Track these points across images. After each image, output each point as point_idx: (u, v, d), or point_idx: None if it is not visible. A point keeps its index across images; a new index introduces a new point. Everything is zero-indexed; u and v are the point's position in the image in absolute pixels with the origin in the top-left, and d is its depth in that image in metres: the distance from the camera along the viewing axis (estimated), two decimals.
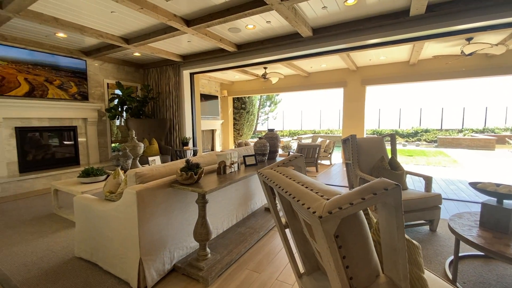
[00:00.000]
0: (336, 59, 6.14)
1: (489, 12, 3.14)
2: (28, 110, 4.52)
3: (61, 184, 3.22)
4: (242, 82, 9.19)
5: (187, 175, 1.85)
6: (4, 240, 2.60)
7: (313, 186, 0.91)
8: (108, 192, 2.08)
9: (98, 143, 5.77)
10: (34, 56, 4.61)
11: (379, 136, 3.27)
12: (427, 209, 2.60)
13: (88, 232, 2.10)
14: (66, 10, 3.42)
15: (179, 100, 6.11)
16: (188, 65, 5.88)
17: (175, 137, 6.25)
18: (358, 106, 7.02)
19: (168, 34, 4.07)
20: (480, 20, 3.20)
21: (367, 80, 6.85)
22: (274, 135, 3.15)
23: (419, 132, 14.55)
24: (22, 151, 4.60)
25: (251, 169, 2.58)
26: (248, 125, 10.54)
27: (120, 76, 6.25)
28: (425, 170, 6.24)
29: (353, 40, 3.98)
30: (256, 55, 4.87)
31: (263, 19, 3.76)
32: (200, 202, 1.93)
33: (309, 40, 4.30)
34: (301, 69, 7.22)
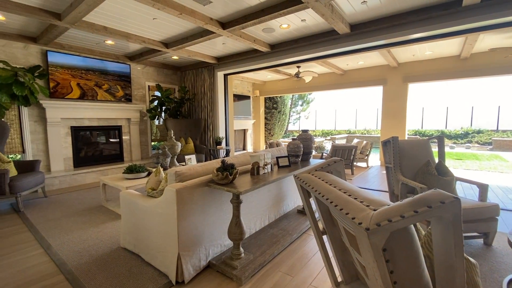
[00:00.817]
0: (375, 55, 5.81)
1: None
2: (81, 111, 5.01)
3: (108, 179, 3.51)
4: (274, 82, 9.17)
5: (223, 175, 1.89)
6: (62, 228, 2.91)
7: (357, 194, 0.86)
8: (150, 189, 2.22)
9: (139, 142, 6.19)
10: (86, 62, 5.09)
11: (424, 138, 3.02)
12: (481, 220, 2.33)
13: (132, 225, 2.26)
14: (114, 19, 3.71)
15: (213, 100, 6.29)
16: (222, 66, 6.02)
17: (209, 137, 6.45)
18: (399, 105, 6.56)
19: (204, 37, 4.21)
20: None
21: (409, 77, 6.37)
22: (308, 136, 3.08)
23: (470, 133, 13.16)
24: (76, 148, 5.12)
25: (284, 171, 2.55)
26: (279, 125, 10.49)
27: (160, 78, 6.63)
28: (478, 176, 5.62)
29: (395, 36, 3.72)
30: (290, 54, 4.80)
31: (298, 18, 3.69)
32: (234, 202, 1.96)
33: (346, 37, 4.12)
34: (337, 67, 6.97)
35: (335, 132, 15.82)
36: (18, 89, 3.96)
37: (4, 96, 3.88)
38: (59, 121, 4.74)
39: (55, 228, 2.91)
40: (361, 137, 13.20)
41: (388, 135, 6.72)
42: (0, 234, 2.77)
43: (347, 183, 1.00)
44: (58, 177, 4.61)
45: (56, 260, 2.22)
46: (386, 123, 6.79)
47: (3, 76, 3.79)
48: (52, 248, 2.44)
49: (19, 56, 4.36)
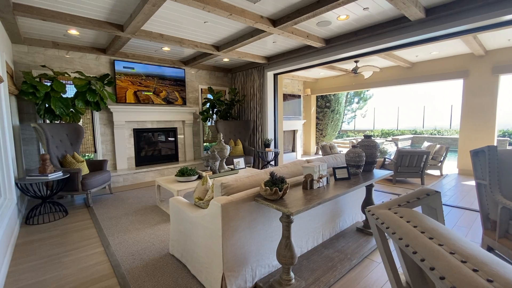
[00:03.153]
0: (455, 43, 4.86)
1: None
2: (141, 114, 5.39)
3: (162, 180, 3.64)
4: (327, 79, 8.58)
5: (272, 190, 1.67)
6: (121, 226, 3.09)
7: (465, 254, 0.54)
8: (197, 198, 2.14)
9: (193, 142, 6.43)
10: (146, 69, 5.46)
11: None
12: None
13: (180, 233, 2.21)
14: (169, 26, 3.82)
15: (262, 101, 6.14)
16: (272, 66, 5.82)
17: (257, 138, 6.33)
18: (487, 102, 5.39)
19: (254, 37, 4.05)
20: None
21: (502, 67, 5.17)
22: (372, 143, 2.65)
23: None
24: (138, 148, 5.55)
25: (343, 185, 2.20)
26: (332, 125, 9.82)
27: (211, 81, 6.77)
28: None
29: (485, 17, 2.96)
30: (348, 48, 4.32)
31: (360, 6, 3.23)
32: (284, 221, 1.72)
33: (420, 24, 3.48)
34: (403, 59, 6.10)
35: (397, 132, 14.19)
36: (91, 96, 4.42)
37: (80, 102, 4.37)
38: (123, 124, 5.18)
39: (115, 225, 3.11)
40: (430, 138, 11.53)
41: (470, 137, 5.60)
42: (73, 228, 3.08)
43: (447, 229, 0.67)
44: (122, 175, 5.05)
45: (113, 261, 2.31)
46: (467, 123, 5.67)
47: (79, 84, 4.27)
48: (111, 247, 2.57)
49: (92, 66, 4.89)
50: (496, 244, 2.14)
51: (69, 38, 4.25)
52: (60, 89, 4.03)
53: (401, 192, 4.48)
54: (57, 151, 3.95)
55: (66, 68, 4.63)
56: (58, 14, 3.22)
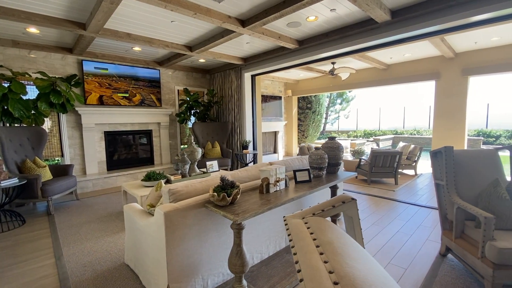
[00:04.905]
0: (425, 45, 4.97)
1: None
2: (113, 116, 5.20)
3: (128, 185, 3.49)
4: (307, 80, 8.62)
5: (219, 196, 1.59)
6: (80, 235, 2.93)
7: (342, 273, 0.48)
8: (149, 205, 2.03)
9: (169, 145, 6.27)
10: (118, 69, 5.28)
11: (492, 148, 2.33)
12: None
13: (133, 242, 2.10)
14: (136, 25, 3.69)
15: (240, 103, 6.07)
16: (249, 67, 5.76)
17: (236, 140, 6.25)
18: (457, 103, 5.54)
19: (225, 37, 3.98)
20: None
21: (470, 70, 5.33)
22: (335, 145, 2.62)
23: None
24: (109, 152, 5.34)
25: (303, 187, 2.16)
26: (314, 126, 9.87)
27: (189, 82, 6.65)
28: None
29: (450, 19, 3.02)
30: (321, 49, 4.32)
31: (326, 8, 3.22)
32: (235, 228, 1.65)
33: (386, 26, 3.51)
34: (378, 61, 6.19)
35: (379, 132, 14.47)
36: (55, 97, 4.20)
37: (43, 104, 4.15)
38: (93, 126, 4.98)
39: (74, 234, 2.95)
40: (409, 139, 11.82)
41: (442, 137, 5.74)
42: (27, 238, 2.89)
43: (345, 242, 0.62)
44: (92, 180, 4.84)
45: (61, 274, 2.17)
46: (439, 123, 5.81)
47: (41, 85, 4.06)
48: (63, 258, 2.42)
49: (58, 67, 4.67)
50: (453, 244, 2.15)
51: (29, 37, 4.03)
52: (19, 90, 3.81)
53: (375, 192, 4.51)
54: (16, 156, 3.73)
55: (29, 68, 4.39)
56: (10, 11, 3.03)
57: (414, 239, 2.72)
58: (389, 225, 3.08)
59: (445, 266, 2.17)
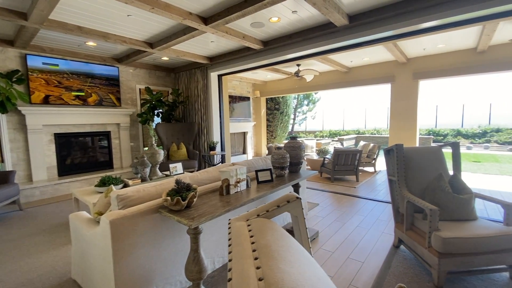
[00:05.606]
0: (381, 50, 5.30)
1: None
2: (65, 117, 4.75)
3: (80, 192, 3.19)
4: (275, 82, 8.74)
5: (172, 200, 1.50)
6: (21, 249, 2.60)
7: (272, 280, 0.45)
8: (97, 213, 1.86)
9: (130, 148, 5.91)
10: (70, 66, 4.83)
11: (435, 145, 2.54)
12: (508, 250, 1.85)
13: (80, 255, 1.91)
14: (88, 18, 3.40)
15: (207, 103, 5.94)
16: (215, 66, 5.66)
17: (203, 141, 6.10)
18: (409, 104, 6.00)
19: (187, 34, 3.85)
20: None
21: (420, 74, 5.81)
22: (297, 144, 2.66)
23: (489, 132, 12.29)
24: (61, 156, 4.87)
25: (265, 187, 2.14)
26: (282, 126, 10.04)
27: (152, 81, 6.34)
28: (499, 183, 5.02)
29: (401, 26, 3.23)
30: (285, 51, 4.38)
31: (288, 9, 3.27)
32: (191, 233, 1.57)
33: (345, 30, 3.67)
34: (340, 64, 6.47)
35: (343, 132, 15.21)
36: None
37: None
38: (40, 128, 4.49)
39: (13, 249, 2.61)
40: (370, 138, 12.57)
41: (398, 136, 6.18)
42: None
43: (283, 245, 0.59)
44: (39, 188, 4.36)
45: None
46: (395, 123, 6.25)
47: None
48: None
49: None
50: (404, 236, 2.29)
51: None
52: None
53: (338, 189, 4.69)
54: None
55: None
56: None
57: (371, 232, 2.86)
58: (349, 221, 3.21)
59: (398, 257, 2.31)
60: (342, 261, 2.29)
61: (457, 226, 1.98)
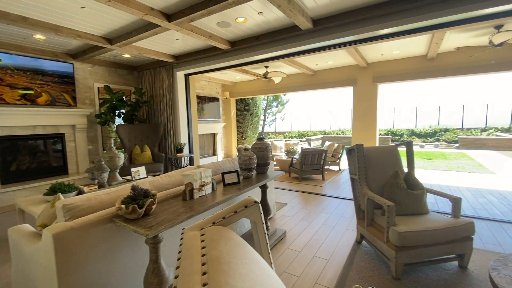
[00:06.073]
0: (344, 55, 5.56)
1: None
2: (9, 118, 4.23)
3: (25, 202, 2.85)
4: (244, 83, 8.73)
5: (127, 209, 1.39)
6: None
7: None
8: (41, 226, 1.66)
9: (88, 151, 5.46)
10: (14, 60, 4.32)
11: (392, 144, 2.70)
12: (456, 241, 2.02)
13: (21, 274, 1.68)
14: (34, 8, 3.06)
15: (173, 103, 5.72)
16: (181, 65, 5.47)
17: (169, 143, 5.85)
18: (370, 106, 6.38)
19: (150, 31, 3.66)
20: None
21: (379, 78, 6.20)
22: (264, 145, 2.65)
23: (438, 132, 13.58)
24: (4, 161, 4.33)
25: (232, 190, 2.10)
26: (252, 127, 10.07)
27: (113, 79, 5.94)
28: (447, 178, 5.54)
29: (360, 31, 3.41)
30: (252, 52, 4.38)
31: (254, 10, 3.26)
32: (150, 243, 1.46)
33: (310, 33, 3.77)
34: (306, 67, 6.66)
35: (311, 133, 15.72)
36: None
37: None
38: None
39: None
40: (335, 138, 13.14)
41: (360, 136, 6.53)
42: None
43: (236, 256, 0.56)
44: None
45: None
46: (357, 124, 6.59)
47: None
48: None
49: None
50: (366, 232, 2.40)
51: None
52: None
53: (305, 188, 4.81)
54: None
55: None
56: None
57: (336, 229, 2.96)
58: (316, 219, 3.29)
59: (360, 252, 2.41)
60: (308, 260, 2.33)
61: (411, 220, 2.12)
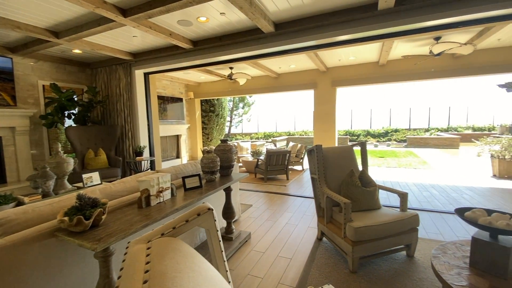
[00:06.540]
0: (305, 59, 5.77)
1: (459, 7, 2.87)
2: None
3: None
4: (209, 83, 8.58)
5: (71, 221, 1.26)
6: None
7: None
8: None
9: (31, 156, 4.88)
10: None
11: (349, 145, 2.87)
12: (404, 232, 2.21)
13: None
14: None
15: (132, 103, 5.39)
16: (140, 64, 5.18)
17: (127, 146, 5.49)
18: (329, 109, 6.72)
19: (103, 26, 3.39)
20: (449, 15, 2.92)
21: (337, 82, 6.56)
22: (227, 147, 2.63)
23: (389, 132, 14.84)
24: None
25: (193, 194, 2.03)
26: (218, 129, 9.94)
27: (61, 77, 5.40)
28: (397, 175, 6.06)
29: (319, 37, 3.57)
30: (216, 53, 4.32)
31: (216, 10, 3.22)
32: (99, 257, 1.34)
33: (272, 37, 3.84)
34: (270, 70, 6.78)
35: (276, 134, 16.05)
36: None
37: None
38: None
39: None
40: (299, 139, 13.59)
41: (320, 136, 6.83)
42: None
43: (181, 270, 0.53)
44: None
45: None
46: (318, 125, 6.89)
47: None
48: None
49: None
50: (325, 229, 2.50)
51: None
52: None
53: (271, 189, 4.88)
54: None
55: None
56: None
57: (299, 228, 3.05)
58: (280, 219, 3.35)
59: (321, 249, 2.51)
60: (272, 260, 2.36)
61: (366, 215, 2.27)
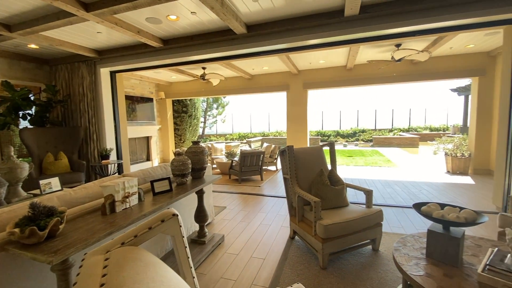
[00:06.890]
0: (277, 61, 5.87)
1: (417, 16, 3.11)
2: None
3: None
4: (181, 83, 8.37)
5: (23, 232, 1.15)
6: None
7: None
8: None
9: None
10: None
11: (318, 145, 2.97)
12: (369, 228, 2.34)
13: None
14: None
15: (97, 103, 5.07)
16: (106, 62, 4.90)
17: (92, 149, 5.16)
18: (301, 110, 6.90)
19: (63, 20, 3.15)
20: (408, 24, 3.16)
21: (308, 84, 6.77)
22: (199, 149, 2.58)
23: (357, 133, 15.61)
24: None
25: (162, 199, 1.96)
26: (191, 130, 9.72)
27: (15, 74, 4.92)
28: (364, 173, 6.39)
29: (290, 40, 3.66)
30: (187, 52, 4.22)
31: (187, 9, 3.15)
32: (56, 270, 1.24)
33: (244, 38, 3.85)
34: (243, 71, 6.79)
35: (251, 135, 16.10)
36: None
37: None
38: None
39: None
40: (273, 140, 13.77)
41: (293, 137, 6.99)
42: None
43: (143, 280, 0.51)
44: None
45: None
46: (290, 126, 7.04)
47: None
48: None
49: None
50: (297, 227, 2.56)
51: None
52: None
53: (245, 190, 4.88)
54: None
55: None
56: None
57: (272, 228, 3.08)
58: (253, 219, 3.37)
59: (293, 248, 2.57)
60: (245, 262, 2.36)
61: (334, 213, 2.37)
